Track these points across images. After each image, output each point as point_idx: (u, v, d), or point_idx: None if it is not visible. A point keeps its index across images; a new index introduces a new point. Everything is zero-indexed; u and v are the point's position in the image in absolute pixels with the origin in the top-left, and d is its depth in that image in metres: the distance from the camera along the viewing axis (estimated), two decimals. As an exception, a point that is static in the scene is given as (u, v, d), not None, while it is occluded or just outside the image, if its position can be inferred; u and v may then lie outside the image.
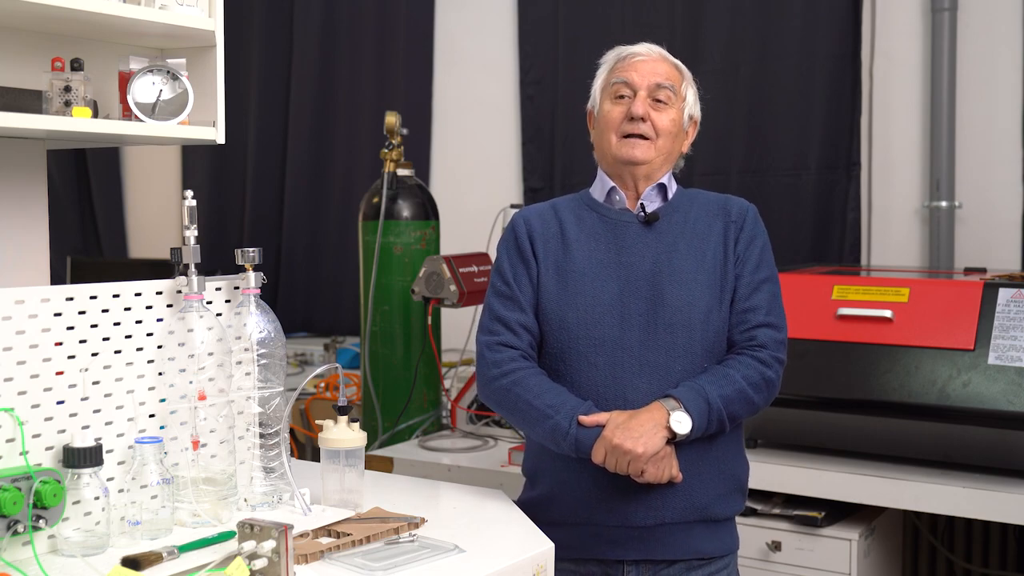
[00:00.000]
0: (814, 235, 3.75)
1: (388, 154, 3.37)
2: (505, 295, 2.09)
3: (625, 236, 2.08)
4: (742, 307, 2.06)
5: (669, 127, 2.09)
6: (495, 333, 2.08)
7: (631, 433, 1.91)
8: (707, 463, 2.04)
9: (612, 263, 2.06)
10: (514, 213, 2.19)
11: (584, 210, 2.14)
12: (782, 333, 2.08)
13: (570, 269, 2.07)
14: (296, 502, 1.96)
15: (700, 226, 2.09)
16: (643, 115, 2.06)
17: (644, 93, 2.07)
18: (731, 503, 2.10)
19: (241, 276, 2.02)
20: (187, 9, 2.05)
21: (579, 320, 2.04)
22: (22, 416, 1.70)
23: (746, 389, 2.00)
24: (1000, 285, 2.62)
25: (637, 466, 1.92)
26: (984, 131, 3.51)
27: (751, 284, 2.07)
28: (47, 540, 1.72)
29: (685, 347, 2.02)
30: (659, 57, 2.12)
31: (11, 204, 2.22)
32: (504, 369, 2.04)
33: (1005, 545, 3.19)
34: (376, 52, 4.68)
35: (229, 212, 5.20)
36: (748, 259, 2.08)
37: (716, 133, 3.88)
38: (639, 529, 2.02)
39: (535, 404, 1.99)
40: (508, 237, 2.15)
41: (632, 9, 4.04)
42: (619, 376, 2.01)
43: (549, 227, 2.12)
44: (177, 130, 2.03)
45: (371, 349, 3.37)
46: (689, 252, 2.06)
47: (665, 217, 2.10)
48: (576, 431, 1.96)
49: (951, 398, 2.53)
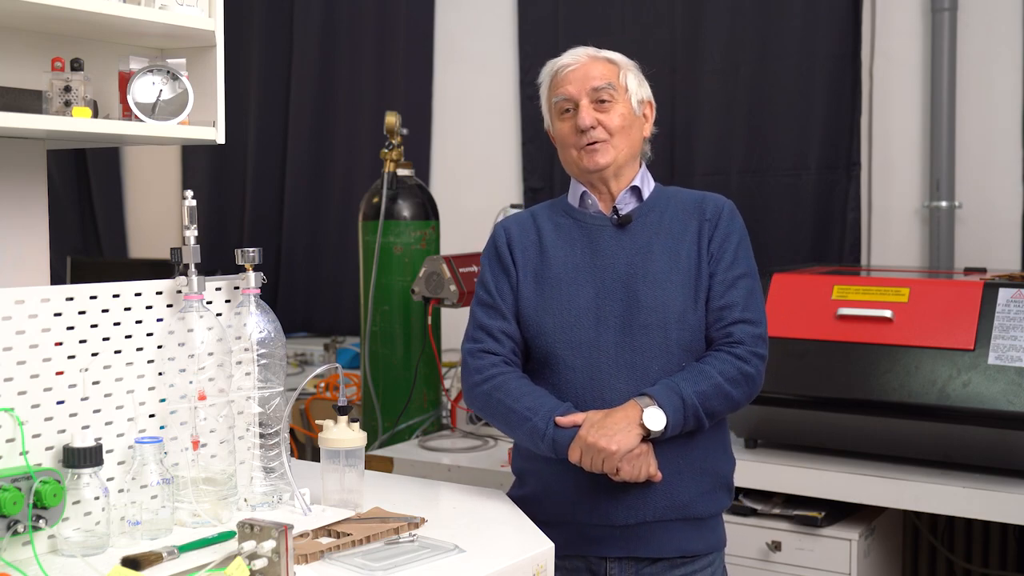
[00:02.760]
0: (814, 235, 3.75)
1: (388, 154, 3.37)
2: (487, 304, 2.14)
3: (599, 239, 2.11)
4: (718, 304, 2.06)
5: (620, 123, 2.10)
6: (478, 341, 2.12)
7: (605, 431, 1.93)
8: (688, 461, 2.04)
9: (587, 267, 2.09)
10: (496, 223, 2.23)
11: (561, 216, 2.17)
12: (760, 328, 2.07)
13: (547, 275, 2.11)
14: (296, 502, 1.96)
15: (675, 226, 2.11)
16: (591, 124, 2.08)
17: (586, 101, 2.09)
18: (715, 501, 2.10)
19: (241, 276, 2.02)
20: (187, 9, 2.05)
21: (556, 324, 2.07)
22: (22, 416, 1.70)
23: (723, 384, 2.00)
24: (1000, 285, 2.62)
25: (612, 464, 1.93)
26: (984, 131, 3.51)
27: (726, 281, 2.07)
28: (47, 540, 1.72)
29: (661, 347, 2.03)
30: (588, 60, 2.12)
31: (11, 204, 2.22)
32: (486, 375, 2.08)
33: (1005, 545, 3.19)
34: (376, 52, 4.68)
35: (229, 212, 5.20)
36: (723, 256, 2.08)
37: (716, 133, 3.88)
38: (621, 528, 2.04)
39: (514, 407, 2.03)
40: (489, 248, 2.20)
41: (632, 9, 4.03)
42: (597, 377, 2.03)
43: (528, 235, 2.16)
44: (177, 130, 2.03)
45: (371, 349, 3.37)
46: (663, 253, 2.08)
47: (639, 218, 2.11)
48: (553, 432, 1.98)
49: (951, 398, 2.53)
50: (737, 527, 2.76)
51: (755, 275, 2.12)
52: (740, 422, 2.83)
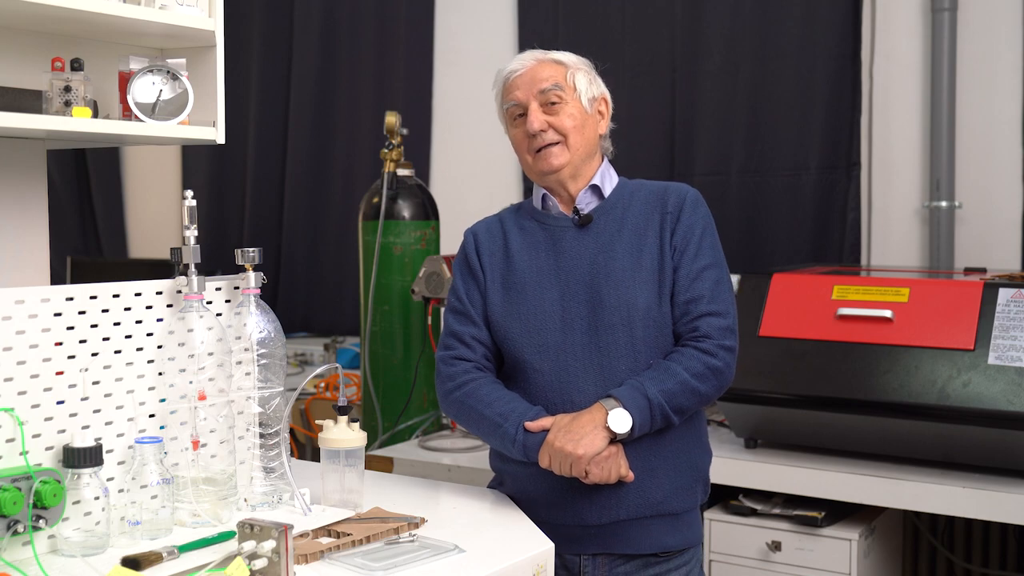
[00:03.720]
0: (814, 235, 3.75)
1: (388, 154, 3.37)
2: (458, 310, 2.14)
3: (562, 241, 2.10)
4: (683, 298, 2.04)
5: (572, 123, 2.09)
6: (450, 348, 2.13)
7: (571, 436, 1.93)
8: (661, 458, 2.04)
9: (551, 269, 2.09)
10: (465, 229, 2.23)
11: (526, 219, 2.17)
12: (727, 319, 2.04)
13: (513, 280, 2.11)
14: (296, 502, 1.96)
15: (638, 221, 2.09)
16: (540, 127, 2.08)
17: (535, 104, 2.08)
18: (690, 496, 2.09)
19: (241, 276, 2.02)
20: (187, 9, 2.05)
21: (523, 329, 2.07)
22: (22, 416, 1.70)
23: (689, 380, 1.98)
24: (1000, 285, 2.62)
25: (580, 468, 1.93)
26: (984, 131, 3.51)
27: (690, 274, 2.04)
28: (47, 540, 1.72)
29: (627, 346, 2.02)
30: (535, 63, 2.11)
31: (11, 204, 2.22)
32: (458, 382, 2.09)
33: (1005, 545, 3.19)
34: (376, 52, 4.68)
35: (229, 212, 5.20)
36: (686, 249, 2.06)
37: (716, 133, 3.88)
38: (595, 527, 2.04)
39: (486, 414, 2.04)
40: (459, 254, 2.21)
41: (632, 9, 4.04)
42: (564, 380, 2.03)
43: (495, 240, 2.17)
44: (177, 130, 2.03)
45: (371, 349, 3.37)
46: (626, 251, 2.06)
47: (600, 217, 2.10)
48: (523, 437, 1.99)
49: (951, 398, 2.53)
50: (737, 527, 2.76)
51: (722, 265, 2.09)
52: (740, 422, 2.83)
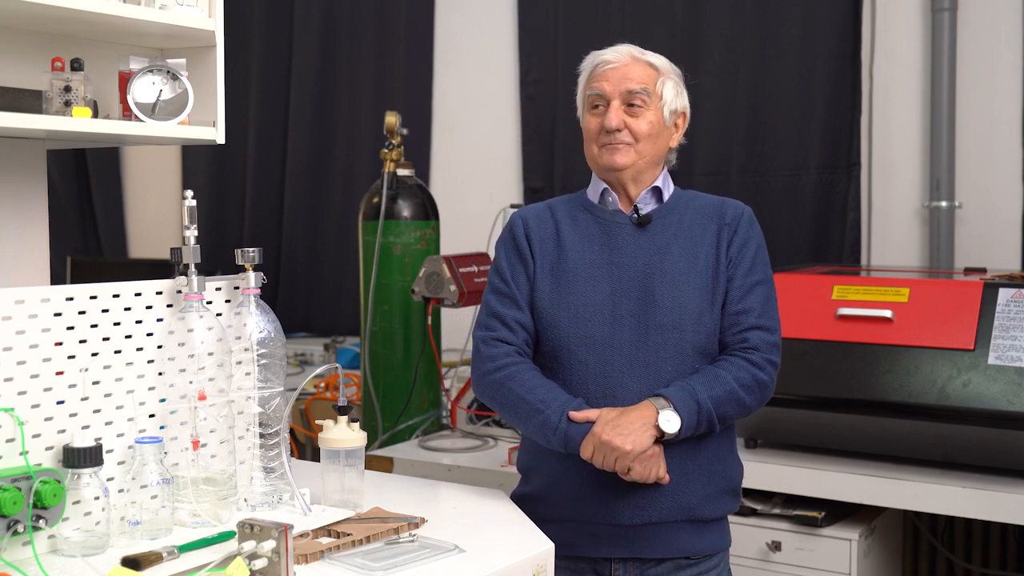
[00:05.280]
0: (814, 235, 3.75)
1: (388, 154, 3.37)
2: (503, 292, 2.12)
3: (618, 237, 2.10)
4: (734, 309, 2.06)
5: (647, 130, 2.08)
6: (491, 329, 2.10)
7: (620, 430, 1.92)
8: (696, 464, 2.04)
9: (604, 263, 2.08)
10: (512, 213, 2.21)
11: (579, 211, 2.16)
12: (775, 335, 2.08)
13: (564, 269, 2.09)
14: (296, 502, 1.96)
15: (694, 229, 2.10)
16: (616, 126, 2.07)
17: (617, 102, 2.08)
18: (721, 504, 2.10)
19: (241, 276, 2.02)
20: (187, 9, 2.05)
21: (570, 319, 2.06)
22: (22, 416, 1.70)
23: (737, 390, 2.00)
24: (1000, 285, 2.62)
25: (624, 463, 1.93)
26: (984, 131, 3.51)
27: (744, 287, 2.07)
28: (47, 540, 1.72)
29: (676, 348, 2.03)
30: (630, 60, 2.10)
31: (11, 204, 2.22)
32: (499, 364, 2.06)
33: (1005, 545, 3.19)
34: (376, 52, 4.68)
35: (229, 212, 5.20)
36: (741, 262, 2.08)
37: (716, 133, 3.88)
38: (626, 527, 2.03)
39: (526, 398, 2.01)
40: (506, 236, 2.17)
41: (632, 9, 4.04)
42: (609, 375, 2.03)
43: (545, 227, 2.15)
44: (177, 130, 2.03)
45: (371, 349, 3.37)
46: (681, 254, 2.07)
47: (659, 219, 2.11)
48: (566, 426, 1.97)
49: (951, 398, 2.53)
50: (737, 527, 2.76)
51: (771, 283, 2.12)
52: (740, 422, 2.82)
